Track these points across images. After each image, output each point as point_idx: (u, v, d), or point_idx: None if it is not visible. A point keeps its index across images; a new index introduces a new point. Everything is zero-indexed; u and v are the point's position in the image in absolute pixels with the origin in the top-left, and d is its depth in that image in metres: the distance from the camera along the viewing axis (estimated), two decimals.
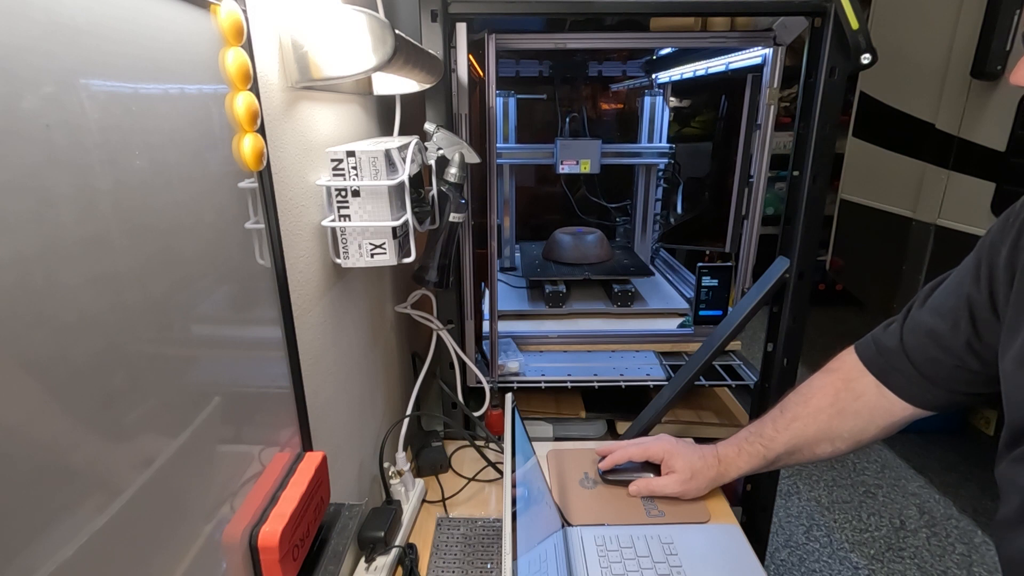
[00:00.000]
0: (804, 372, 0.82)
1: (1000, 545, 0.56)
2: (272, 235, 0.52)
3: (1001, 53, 1.65)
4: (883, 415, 0.69)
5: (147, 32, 0.36)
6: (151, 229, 0.36)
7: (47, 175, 0.28)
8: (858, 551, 1.79)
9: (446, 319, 0.99)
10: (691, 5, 0.92)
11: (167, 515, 0.38)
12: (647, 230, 1.57)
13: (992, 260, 0.58)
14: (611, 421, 1.13)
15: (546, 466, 0.95)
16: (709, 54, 1.20)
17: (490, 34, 0.90)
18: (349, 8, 0.56)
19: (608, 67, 1.60)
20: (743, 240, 1.13)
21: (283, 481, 0.54)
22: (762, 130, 1.05)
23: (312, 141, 0.63)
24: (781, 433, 0.76)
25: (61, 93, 0.29)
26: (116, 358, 0.32)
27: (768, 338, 1.03)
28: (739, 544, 0.78)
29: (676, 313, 1.28)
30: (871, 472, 2.16)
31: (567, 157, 1.33)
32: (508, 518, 0.58)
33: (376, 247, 0.67)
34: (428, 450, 0.96)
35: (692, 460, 0.83)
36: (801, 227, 0.93)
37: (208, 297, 0.43)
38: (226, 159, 0.45)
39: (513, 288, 1.43)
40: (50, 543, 0.28)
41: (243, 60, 0.45)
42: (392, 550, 0.74)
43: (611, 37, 1.11)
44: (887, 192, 2.21)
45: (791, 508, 1.99)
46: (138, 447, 0.35)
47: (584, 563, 0.74)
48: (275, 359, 0.54)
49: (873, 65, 0.83)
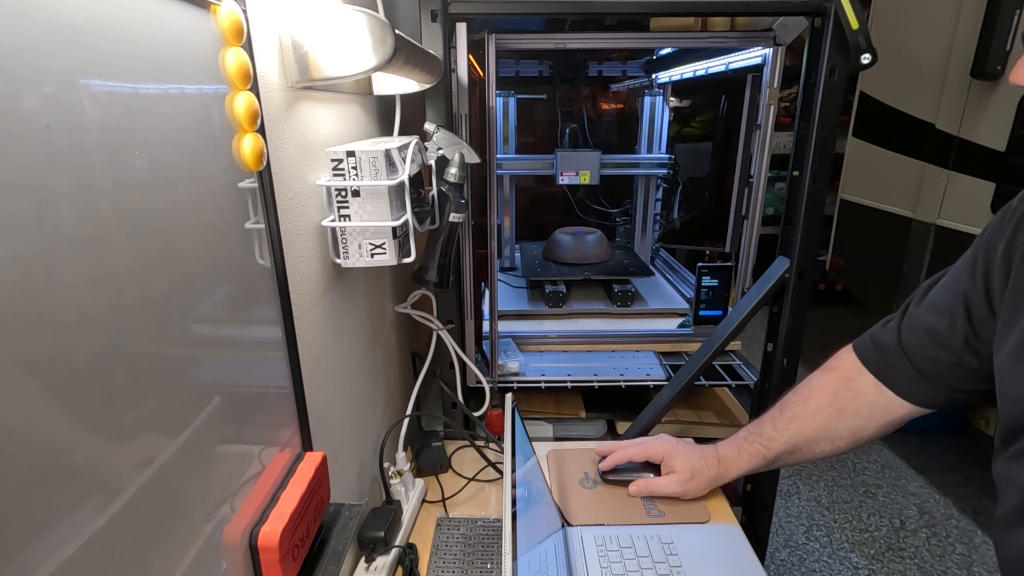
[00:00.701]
0: (804, 372, 0.82)
1: (999, 544, 0.56)
2: (272, 235, 0.52)
3: (1001, 53, 1.65)
4: (882, 413, 0.69)
5: (147, 32, 0.36)
6: (151, 229, 0.36)
7: (47, 175, 0.28)
8: (858, 551, 1.79)
9: (446, 319, 0.99)
10: (691, 5, 0.92)
11: (167, 515, 0.38)
12: (647, 230, 1.57)
13: (988, 257, 0.58)
14: (611, 421, 1.13)
15: (546, 466, 0.95)
16: (709, 54, 1.20)
17: (490, 34, 0.90)
18: (349, 8, 0.56)
19: (608, 67, 1.60)
20: (743, 240, 1.13)
21: (283, 481, 0.54)
22: (762, 130, 1.05)
23: (312, 141, 0.63)
24: (781, 432, 0.76)
25: (61, 93, 0.29)
26: (116, 358, 0.32)
27: (768, 338, 1.03)
28: (739, 544, 0.78)
29: (676, 313, 1.28)
30: (871, 472, 2.16)
31: (567, 168, 1.34)
32: (508, 518, 0.58)
33: (376, 247, 0.67)
34: (428, 450, 0.96)
35: (692, 460, 0.83)
36: (801, 227, 0.93)
37: (208, 297, 0.43)
38: (226, 159, 0.45)
39: (513, 288, 1.43)
40: (50, 543, 0.28)
41: (243, 60, 0.45)
42: (392, 550, 0.74)
43: (611, 37, 1.11)
44: (887, 192, 2.21)
45: (791, 508, 1.99)
46: (138, 447, 0.35)
47: (584, 563, 0.74)
48: (275, 359, 0.54)
49: (873, 65, 0.83)
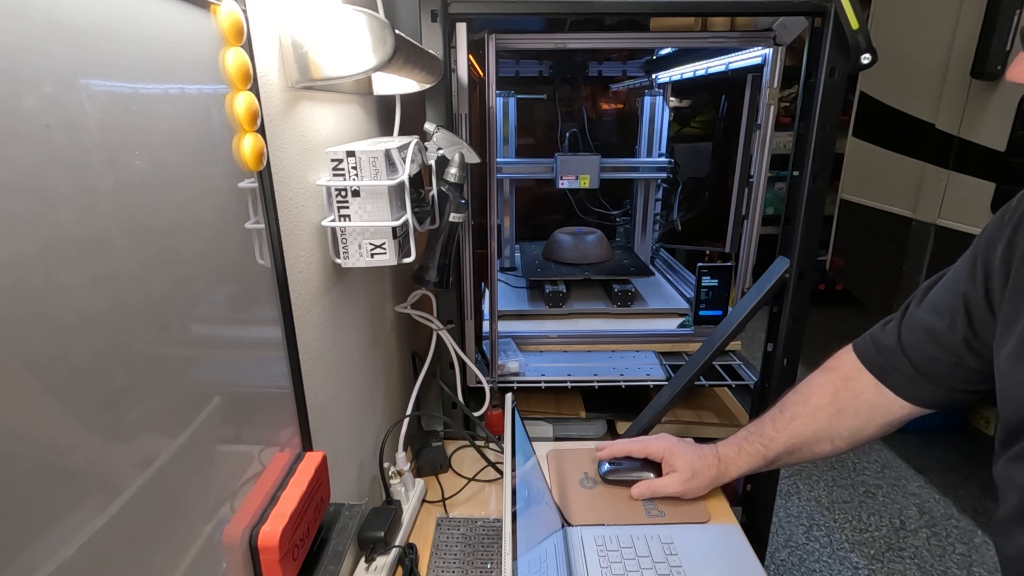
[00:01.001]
0: (804, 372, 0.82)
1: (999, 544, 0.56)
2: (272, 235, 0.52)
3: (1001, 53, 1.65)
4: (882, 413, 0.69)
5: (147, 32, 0.36)
6: (151, 229, 0.36)
7: (47, 175, 0.28)
8: (858, 551, 1.79)
9: (446, 319, 0.99)
10: (691, 5, 0.92)
11: (167, 515, 0.38)
12: (647, 230, 1.57)
13: (988, 257, 0.58)
14: (611, 421, 1.13)
15: (546, 466, 0.95)
16: (709, 54, 1.20)
17: (490, 34, 0.90)
18: (349, 8, 0.56)
19: (608, 67, 1.60)
20: (743, 240, 1.13)
21: (283, 481, 0.54)
22: (762, 130, 1.05)
23: (312, 141, 0.63)
24: (780, 432, 0.76)
25: (61, 93, 0.29)
26: (116, 358, 0.32)
27: (768, 338, 1.03)
28: (739, 544, 0.78)
29: (676, 313, 1.28)
30: (871, 472, 2.16)
31: (566, 172, 1.35)
32: (508, 518, 0.59)
33: (376, 247, 0.67)
34: (428, 450, 0.96)
35: (692, 459, 0.83)
36: (801, 227, 0.93)
37: (208, 297, 0.43)
38: (226, 159, 0.45)
39: (513, 288, 1.43)
40: (50, 543, 0.28)
41: (243, 60, 0.45)
42: (392, 550, 0.74)
43: (611, 37, 1.11)
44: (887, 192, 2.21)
45: (791, 508, 1.99)
46: (138, 447, 0.35)
47: (584, 563, 0.74)
48: (275, 359, 0.54)
49: (873, 65, 0.83)
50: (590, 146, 1.67)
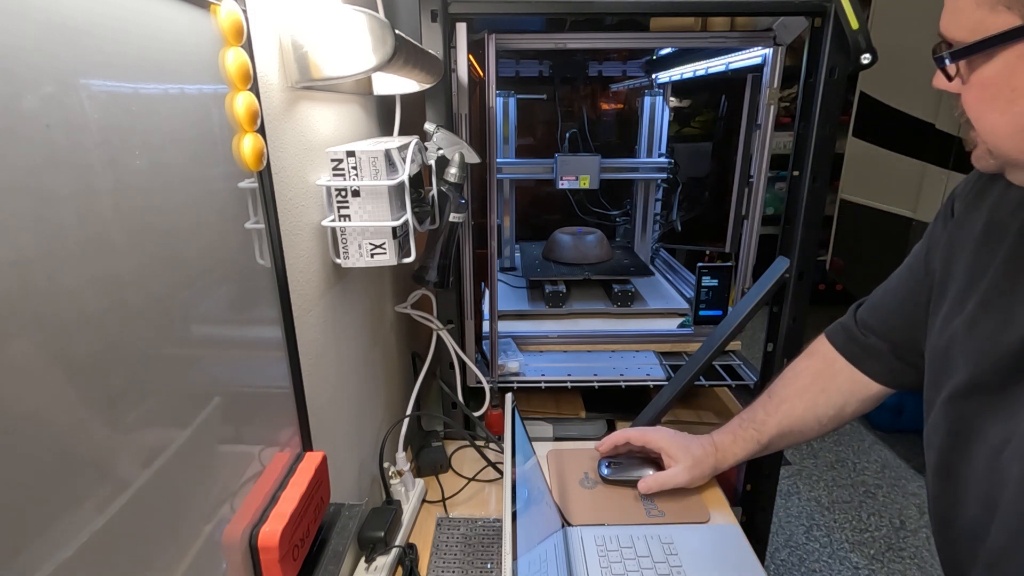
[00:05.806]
0: None
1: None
2: (272, 235, 0.52)
3: None
4: (861, 390, 0.73)
5: (147, 32, 0.36)
6: (151, 229, 0.36)
7: (47, 175, 0.28)
8: (858, 551, 1.79)
9: (446, 319, 0.99)
10: (691, 5, 0.92)
11: (167, 515, 0.38)
12: (647, 230, 1.57)
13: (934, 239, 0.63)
14: (611, 421, 1.12)
15: (546, 466, 0.95)
16: (709, 54, 1.20)
17: (490, 34, 0.90)
18: (349, 8, 0.56)
19: (608, 67, 1.60)
20: (743, 240, 1.12)
21: (283, 481, 0.54)
22: (762, 130, 1.05)
23: (312, 141, 0.63)
24: (771, 416, 0.79)
25: (61, 93, 0.29)
26: (116, 358, 0.32)
27: (768, 338, 1.03)
28: (739, 544, 0.78)
29: (676, 313, 1.28)
30: (871, 472, 2.16)
31: (566, 173, 1.35)
32: (508, 518, 0.59)
33: (376, 247, 0.67)
34: (428, 450, 0.96)
35: (692, 449, 0.85)
36: (801, 227, 0.93)
37: (208, 297, 0.43)
38: (226, 159, 0.45)
39: (513, 288, 1.43)
40: (50, 543, 0.28)
41: (243, 60, 0.45)
42: (392, 550, 0.74)
43: (611, 37, 1.11)
44: (887, 192, 2.21)
45: (791, 508, 1.99)
46: (138, 447, 0.35)
47: (584, 563, 0.74)
48: (275, 359, 0.54)
49: (873, 65, 0.83)
50: (590, 146, 1.67)
